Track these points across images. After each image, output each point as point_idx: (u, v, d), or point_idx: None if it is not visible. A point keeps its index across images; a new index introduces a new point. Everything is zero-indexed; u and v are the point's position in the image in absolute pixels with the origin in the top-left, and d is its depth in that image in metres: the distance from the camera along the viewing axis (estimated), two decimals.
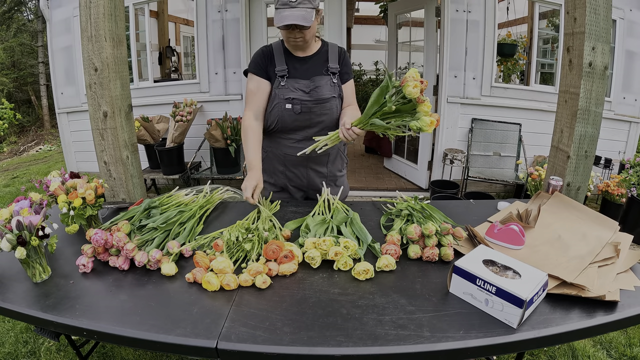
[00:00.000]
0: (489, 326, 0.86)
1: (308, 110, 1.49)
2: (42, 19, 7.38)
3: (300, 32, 1.38)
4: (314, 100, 1.48)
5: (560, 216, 1.37)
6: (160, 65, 5.53)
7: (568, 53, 1.51)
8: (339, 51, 1.55)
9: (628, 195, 2.99)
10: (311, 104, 1.48)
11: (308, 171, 1.62)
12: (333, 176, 1.67)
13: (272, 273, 1.05)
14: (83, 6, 1.47)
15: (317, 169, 1.63)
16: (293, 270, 1.07)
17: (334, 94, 1.51)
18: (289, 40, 1.45)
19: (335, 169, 1.67)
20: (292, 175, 1.64)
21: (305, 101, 1.48)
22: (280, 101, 1.49)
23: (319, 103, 1.49)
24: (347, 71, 1.56)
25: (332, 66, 1.52)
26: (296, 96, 1.47)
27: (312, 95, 1.48)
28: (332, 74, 1.52)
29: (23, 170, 5.76)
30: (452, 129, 3.85)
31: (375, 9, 7.12)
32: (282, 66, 1.48)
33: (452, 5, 3.51)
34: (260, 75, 1.50)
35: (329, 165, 1.64)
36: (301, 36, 1.40)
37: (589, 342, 1.86)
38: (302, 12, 1.31)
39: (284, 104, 1.49)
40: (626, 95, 3.88)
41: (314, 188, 1.65)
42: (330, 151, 1.60)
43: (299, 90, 1.48)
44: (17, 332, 1.94)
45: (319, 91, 1.48)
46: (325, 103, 1.50)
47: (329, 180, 1.65)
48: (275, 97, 1.50)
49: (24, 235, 1.00)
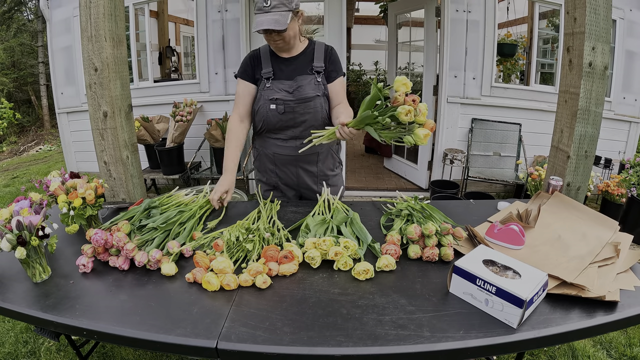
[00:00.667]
0: (489, 326, 0.86)
1: (291, 110, 1.51)
2: (42, 19, 7.38)
3: (278, 35, 1.41)
4: (296, 99, 1.50)
5: (560, 216, 1.37)
6: (160, 65, 5.53)
7: (568, 53, 1.51)
8: (325, 49, 1.56)
9: (628, 195, 2.99)
10: (294, 104, 1.50)
11: (298, 170, 1.64)
12: (324, 175, 1.68)
13: (272, 273, 1.05)
14: (83, 6, 1.47)
15: (307, 168, 1.64)
16: (293, 271, 1.07)
17: (317, 92, 1.52)
18: (270, 44, 1.49)
19: (326, 167, 1.68)
20: (283, 174, 1.66)
21: (288, 101, 1.50)
22: (264, 102, 1.52)
23: (301, 102, 1.50)
24: (334, 69, 1.56)
25: (317, 65, 1.53)
26: (279, 96, 1.50)
27: (294, 95, 1.50)
28: (317, 73, 1.53)
29: (23, 170, 5.76)
30: (452, 129, 3.85)
31: (375, 9, 7.12)
32: (267, 68, 1.52)
33: (452, 5, 3.51)
34: (246, 79, 1.55)
35: (319, 164, 1.65)
36: (280, 39, 1.43)
37: (589, 342, 1.86)
38: (277, 16, 1.35)
39: (268, 104, 1.52)
40: (626, 95, 3.88)
41: (305, 187, 1.68)
42: (321, 150, 1.61)
43: (283, 91, 1.50)
44: (17, 332, 1.94)
45: (302, 90, 1.50)
46: (308, 102, 1.51)
47: (320, 179, 1.66)
48: (261, 99, 1.53)
49: (24, 235, 1.00)
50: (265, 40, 1.48)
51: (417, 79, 4.34)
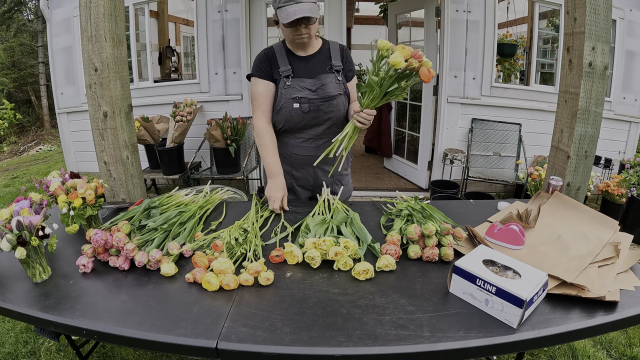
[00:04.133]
0: (489, 326, 0.86)
1: (316, 108, 1.49)
2: (42, 19, 7.38)
3: (306, 27, 1.39)
4: (321, 98, 1.48)
5: (560, 216, 1.37)
6: (160, 65, 5.53)
7: (568, 53, 1.51)
8: (340, 49, 1.57)
9: (628, 195, 2.99)
10: (319, 102, 1.48)
11: (316, 170, 1.62)
12: (339, 175, 1.67)
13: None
14: (83, 6, 1.47)
15: (324, 168, 1.62)
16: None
17: (340, 91, 1.51)
18: (294, 38, 1.43)
19: (342, 167, 1.67)
20: (299, 176, 1.64)
21: (313, 99, 1.48)
22: (287, 101, 1.48)
23: (326, 100, 1.49)
24: (350, 68, 1.57)
25: (336, 64, 1.53)
26: (303, 95, 1.47)
27: (318, 93, 1.48)
28: (337, 72, 1.52)
29: (23, 170, 5.76)
30: (452, 129, 3.85)
31: (375, 9, 7.12)
32: (285, 66, 1.48)
33: (452, 5, 3.51)
34: (265, 78, 1.50)
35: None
36: (307, 32, 1.40)
37: (589, 342, 1.86)
38: (309, 5, 1.33)
39: (291, 103, 1.48)
40: (626, 95, 3.88)
41: (320, 187, 1.64)
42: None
43: (306, 89, 1.48)
44: (17, 332, 1.94)
45: (326, 89, 1.48)
46: (332, 100, 1.50)
47: (336, 179, 1.65)
48: (282, 98, 1.49)
49: (24, 235, 1.00)
50: (289, 34, 1.42)
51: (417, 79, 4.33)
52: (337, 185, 1.65)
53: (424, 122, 4.04)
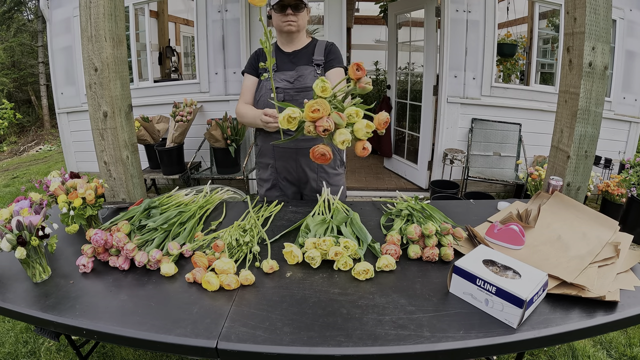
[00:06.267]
0: (489, 326, 0.86)
1: (290, 98, 1.55)
2: (42, 19, 7.38)
3: (294, 15, 1.47)
4: (296, 88, 1.54)
5: (560, 216, 1.37)
6: (160, 65, 5.53)
7: (568, 53, 1.51)
8: (326, 45, 1.62)
9: (628, 195, 2.99)
10: (293, 92, 1.54)
11: (297, 163, 1.65)
12: (324, 172, 1.68)
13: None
14: (83, 6, 1.47)
15: (306, 162, 1.65)
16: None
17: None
18: (282, 26, 1.52)
19: (329, 165, 1.68)
20: (281, 168, 1.68)
21: (288, 89, 1.55)
22: (265, 92, 1.58)
23: (301, 91, 1.55)
24: (334, 58, 1.61)
25: (317, 58, 1.59)
26: (280, 86, 1.55)
27: (295, 84, 1.55)
28: (317, 66, 1.58)
29: (23, 170, 5.76)
30: (452, 129, 3.85)
31: (375, 9, 7.12)
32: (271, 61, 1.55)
33: (452, 5, 3.51)
34: (252, 73, 1.64)
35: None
36: (295, 20, 1.49)
37: (589, 342, 1.86)
38: None
39: (269, 94, 1.56)
40: (626, 95, 3.88)
41: (305, 182, 1.69)
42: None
43: (284, 81, 1.56)
44: (17, 332, 1.94)
45: (302, 80, 1.55)
46: (308, 92, 1.54)
47: (320, 175, 1.67)
48: (262, 89, 1.59)
49: (24, 235, 1.00)
50: (278, 21, 1.52)
51: (417, 79, 4.34)
52: (320, 182, 1.66)
53: (424, 122, 4.04)
